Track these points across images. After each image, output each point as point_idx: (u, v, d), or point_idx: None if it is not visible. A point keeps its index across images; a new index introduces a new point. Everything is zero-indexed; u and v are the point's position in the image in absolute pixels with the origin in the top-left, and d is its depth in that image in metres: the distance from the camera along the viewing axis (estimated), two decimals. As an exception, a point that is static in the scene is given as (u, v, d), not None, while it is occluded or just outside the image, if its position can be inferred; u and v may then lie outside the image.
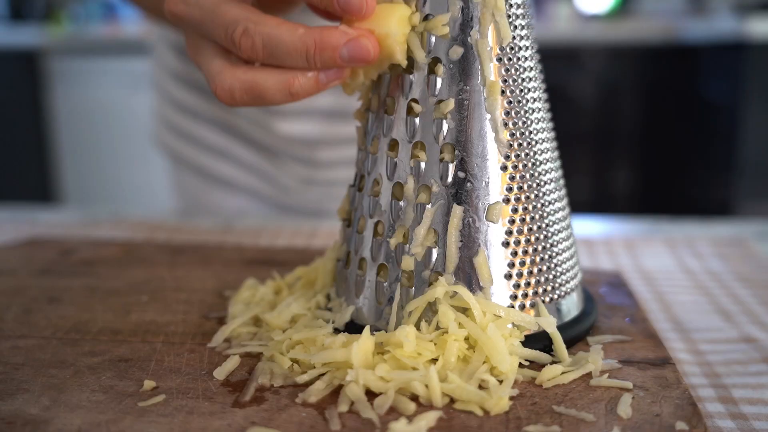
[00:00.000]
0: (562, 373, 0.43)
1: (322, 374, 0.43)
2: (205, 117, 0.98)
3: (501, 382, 0.42)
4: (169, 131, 1.03)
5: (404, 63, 0.45)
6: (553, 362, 0.45)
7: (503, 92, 0.45)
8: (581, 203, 2.81)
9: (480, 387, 0.41)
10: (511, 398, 0.41)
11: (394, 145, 0.47)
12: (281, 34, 0.44)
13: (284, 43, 0.44)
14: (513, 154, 0.46)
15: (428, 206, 0.45)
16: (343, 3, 0.44)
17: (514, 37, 0.46)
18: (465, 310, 0.44)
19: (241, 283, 0.58)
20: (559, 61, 2.96)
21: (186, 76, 0.98)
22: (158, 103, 1.05)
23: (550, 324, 0.45)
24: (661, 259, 0.73)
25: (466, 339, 0.44)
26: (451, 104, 0.45)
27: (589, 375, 0.44)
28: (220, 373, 0.44)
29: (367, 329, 0.44)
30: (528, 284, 0.46)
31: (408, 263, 0.46)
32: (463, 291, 0.44)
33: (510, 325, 0.45)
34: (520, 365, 0.44)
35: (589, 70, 3.03)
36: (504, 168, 0.45)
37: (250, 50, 0.45)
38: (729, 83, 2.74)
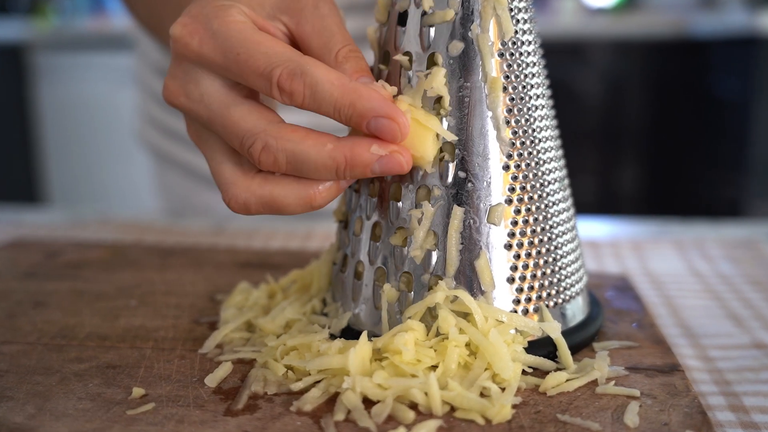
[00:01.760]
0: (567, 380, 0.43)
1: (318, 381, 0.43)
2: None
3: (503, 389, 0.41)
4: (153, 128, 1.03)
5: (430, 171, 0.45)
6: (557, 369, 0.45)
7: (505, 89, 0.45)
8: (586, 204, 2.82)
9: (481, 395, 0.41)
10: (514, 406, 0.41)
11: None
12: (307, 150, 0.43)
13: (311, 161, 0.43)
14: (515, 153, 0.46)
15: (428, 207, 0.45)
16: (374, 128, 0.42)
17: (516, 32, 0.46)
18: (466, 315, 0.44)
19: (234, 286, 0.58)
20: (563, 57, 2.97)
21: None
22: (141, 99, 1.04)
23: (554, 329, 0.45)
24: (669, 262, 0.73)
25: (467, 345, 0.44)
26: (446, 99, 0.45)
27: (594, 382, 0.44)
28: (212, 380, 0.44)
29: (364, 335, 0.44)
30: (531, 288, 0.46)
31: (407, 266, 0.46)
32: (464, 295, 0.44)
33: (513, 331, 0.45)
34: (524, 372, 0.44)
35: (595, 65, 3.03)
36: (506, 167, 0.45)
37: (272, 166, 0.43)
38: (740, 79, 2.74)
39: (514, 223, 0.46)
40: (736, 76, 2.77)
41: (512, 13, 0.46)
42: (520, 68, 0.46)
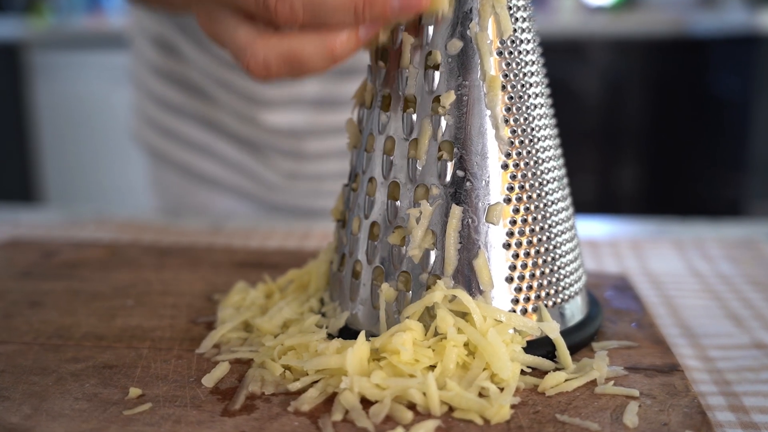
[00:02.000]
0: (566, 380, 0.43)
1: (316, 381, 0.43)
2: (186, 112, 0.98)
3: (502, 389, 0.42)
4: (148, 127, 1.03)
5: (449, 12, 0.44)
6: (556, 369, 0.45)
7: (504, 87, 0.45)
8: (585, 203, 2.82)
9: (480, 395, 0.41)
10: (513, 406, 0.41)
11: (389, 142, 0.47)
12: None
13: (329, 3, 0.42)
14: (514, 152, 0.46)
15: (426, 206, 0.45)
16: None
17: (515, 30, 0.46)
18: (464, 315, 0.44)
19: (231, 286, 0.58)
20: (562, 55, 2.97)
21: (166, 70, 0.98)
22: (137, 99, 1.04)
23: (553, 329, 0.45)
24: (668, 262, 0.73)
25: (466, 345, 0.44)
26: (450, 97, 0.45)
27: (593, 382, 0.44)
28: (209, 380, 0.44)
29: (362, 335, 0.44)
30: (530, 288, 0.46)
31: (405, 266, 0.46)
32: (462, 295, 0.44)
33: (511, 331, 0.45)
34: (522, 372, 0.44)
35: (594, 64, 3.03)
36: (505, 166, 0.45)
37: (289, 15, 0.42)
38: (740, 78, 2.74)
39: (513, 223, 0.46)
40: (736, 75, 2.77)
41: (511, 12, 0.46)
42: (519, 67, 0.46)
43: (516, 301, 0.46)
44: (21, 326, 0.53)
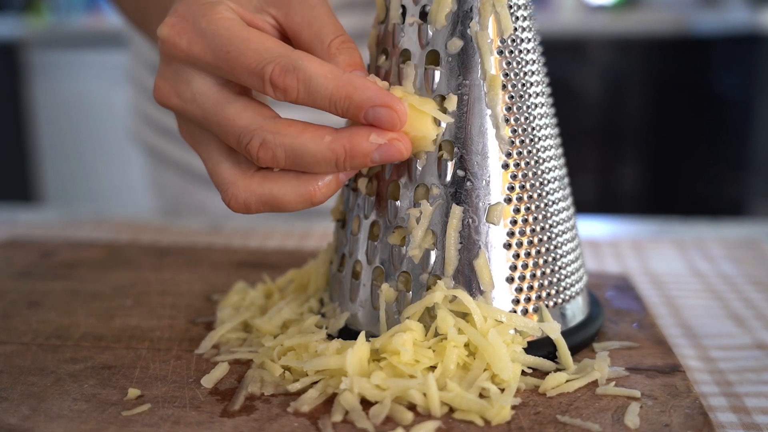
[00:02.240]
0: (567, 381, 0.43)
1: (315, 382, 0.43)
2: None
3: (503, 390, 0.42)
4: (147, 126, 1.03)
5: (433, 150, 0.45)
6: (557, 370, 0.45)
7: (504, 87, 0.45)
8: (586, 203, 2.82)
9: (480, 396, 0.41)
10: (513, 407, 0.41)
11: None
12: (306, 143, 0.42)
13: (310, 154, 0.43)
14: (515, 152, 0.46)
15: (426, 206, 0.45)
16: (373, 118, 0.42)
17: (515, 29, 0.46)
18: (465, 315, 0.44)
19: (230, 286, 0.58)
20: (563, 54, 2.97)
21: None
22: (135, 97, 1.04)
23: (554, 330, 0.45)
24: (670, 262, 0.73)
25: (466, 345, 0.44)
26: (453, 101, 0.45)
27: (595, 383, 0.44)
28: (208, 380, 0.44)
29: (362, 335, 0.44)
30: (531, 288, 0.46)
31: (405, 266, 0.46)
32: (462, 295, 0.44)
33: (512, 331, 0.45)
34: (523, 373, 0.44)
35: (595, 63, 3.03)
36: (505, 166, 0.45)
37: (271, 162, 0.43)
38: (741, 77, 2.74)
39: (514, 223, 0.46)
40: (738, 73, 2.77)
41: (511, 11, 0.46)
42: (520, 66, 0.46)
43: (517, 302, 0.46)
44: (19, 326, 0.53)
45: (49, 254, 0.71)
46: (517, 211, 0.46)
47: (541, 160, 0.47)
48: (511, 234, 0.46)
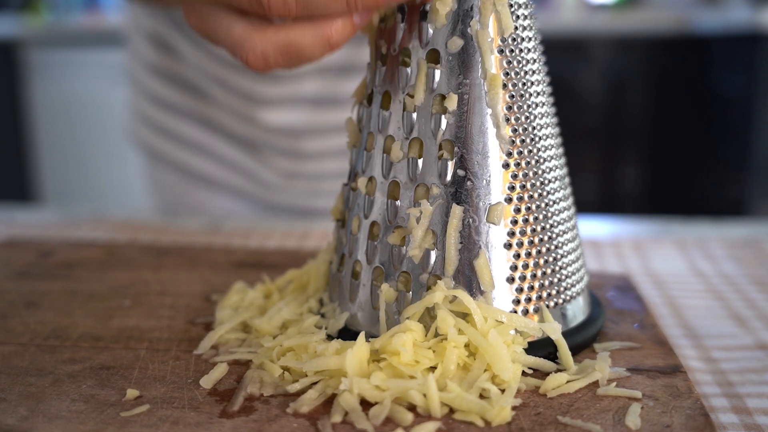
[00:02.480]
0: (568, 381, 0.43)
1: (315, 383, 0.43)
2: (183, 111, 0.98)
3: (503, 391, 0.42)
4: (145, 126, 1.03)
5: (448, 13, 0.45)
6: (558, 370, 0.45)
7: (505, 86, 0.45)
8: (588, 203, 2.82)
9: (481, 396, 0.41)
10: (514, 408, 0.41)
11: (389, 141, 0.47)
12: None
13: None
14: (515, 151, 0.46)
15: (426, 206, 0.45)
16: None
17: (516, 28, 0.46)
18: (465, 316, 0.44)
19: (229, 286, 0.58)
20: (564, 53, 2.97)
21: (162, 68, 0.98)
22: (134, 97, 1.05)
23: (554, 330, 0.45)
24: (671, 262, 0.73)
25: (467, 346, 0.44)
26: (454, 101, 0.45)
27: (595, 384, 0.44)
28: (207, 381, 0.44)
29: (362, 336, 0.44)
30: (531, 288, 0.46)
31: (405, 266, 0.46)
32: (463, 295, 0.44)
33: (513, 332, 0.45)
34: (524, 373, 0.44)
35: (596, 62, 3.03)
36: (506, 166, 0.45)
37: (283, 9, 0.43)
38: (743, 76, 2.74)
39: (514, 222, 0.46)
40: (740, 73, 2.77)
41: (512, 9, 0.46)
42: (520, 65, 0.46)
43: (517, 302, 0.46)
44: (17, 327, 0.53)
45: (47, 254, 0.71)
46: (517, 210, 0.46)
47: (541, 160, 0.47)
48: (512, 234, 0.46)
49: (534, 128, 0.47)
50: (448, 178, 0.45)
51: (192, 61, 0.93)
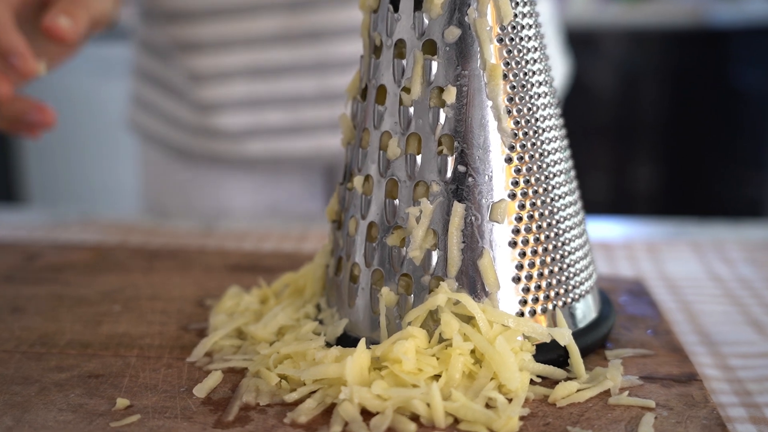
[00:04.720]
0: (578, 390, 0.43)
1: (313, 392, 0.43)
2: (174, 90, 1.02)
3: (510, 400, 0.41)
4: (144, 111, 1.05)
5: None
6: (567, 378, 0.45)
7: (505, 76, 0.45)
8: (599, 203, 2.82)
9: (487, 406, 0.41)
10: (522, 418, 0.41)
11: (386, 138, 0.47)
12: None
13: None
14: (518, 145, 0.46)
15: (426, 205, 0.45)
16: None
17: (515, 15, 0.46)
18: (470, 319, 0.44)
19: (224, 291, 0.58)
20: (574, 47, 2.95)
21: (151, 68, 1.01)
22: (135, 82, 1.07)
23: (564, 336, 0.45)
24: (686, 265, 0.73)
25: (472, 352, 0.43)
26: (452, 93, 0.45)
27: (607, 393, 0.44)
28: (201, 390, 0.44)
29: (362, 342, 0.43)
30: (538, 288, 0.46)
31: (406, 268, 0.46)
32: (466, 300, 0.44)
33: (520, 338, 0.45)
34: (532, 382, 0.44)
35: (608, 57, 3.03)
36: (509, 160, 0.45)
37: None
38: (761, 71, 2.74)
39: (519, 219, 0.46)
40: (758, 67, 2.77)
41: (511, -5, 0.46)
42: (521, 54, 0.46)
43: (524, 302, 0.46)
44: (2, 333, 0.53)
45: (33, 257, 0.71)
46: (522, 207, 0.46)
47: (546, 153, 0.47)
48: (517, 231, 0.46)
49: (537, 120, 0.46)
50: (449, 174, 0.45)
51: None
